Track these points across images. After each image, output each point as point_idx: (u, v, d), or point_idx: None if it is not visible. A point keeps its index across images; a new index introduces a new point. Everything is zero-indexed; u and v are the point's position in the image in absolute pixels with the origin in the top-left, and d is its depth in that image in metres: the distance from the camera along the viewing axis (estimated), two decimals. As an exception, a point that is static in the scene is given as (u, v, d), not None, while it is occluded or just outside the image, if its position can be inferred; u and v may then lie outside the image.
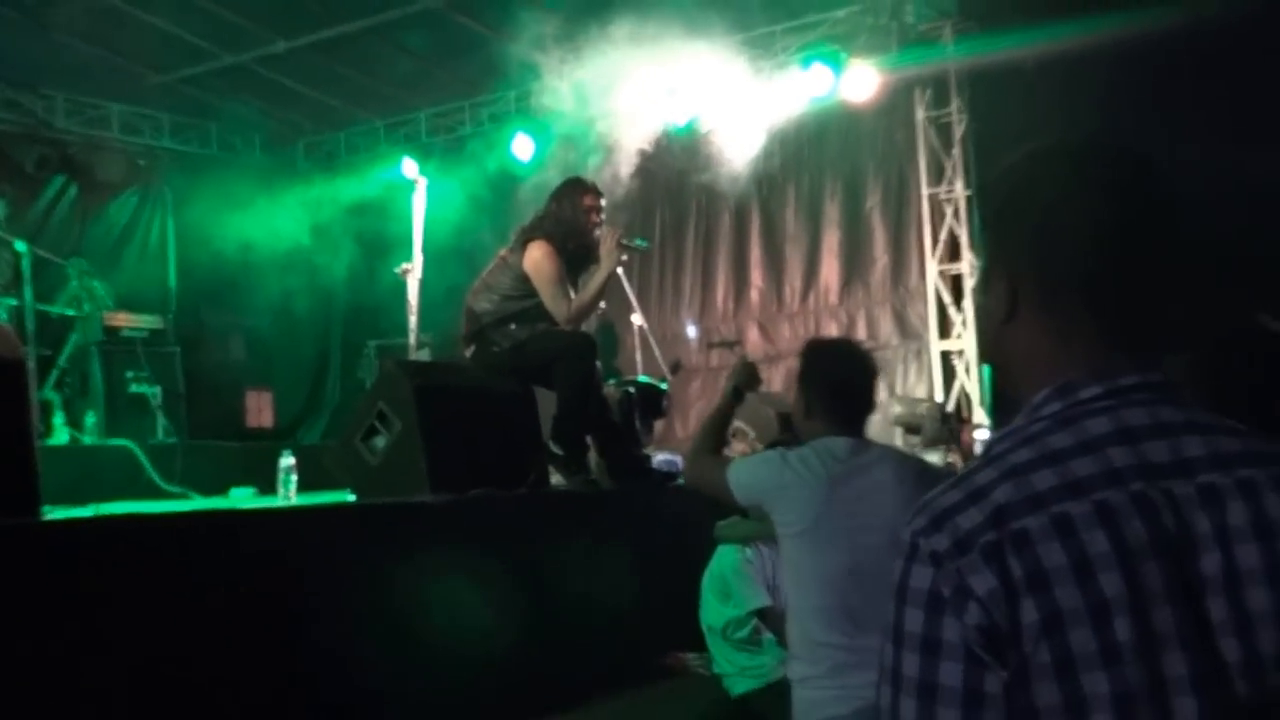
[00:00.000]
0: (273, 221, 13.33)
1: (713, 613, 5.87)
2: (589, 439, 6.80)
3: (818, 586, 3.62)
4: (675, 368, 10.38)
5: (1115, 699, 1.28)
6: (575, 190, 6.67)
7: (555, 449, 6.49)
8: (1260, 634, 1.32)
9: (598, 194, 6.75)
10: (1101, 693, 1.28)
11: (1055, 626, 1.29)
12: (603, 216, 6.77)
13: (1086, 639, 1.29)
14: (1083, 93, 12.62)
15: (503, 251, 6.68)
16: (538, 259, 6.45)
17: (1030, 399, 1.47)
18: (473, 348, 6.58)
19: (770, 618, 5.79)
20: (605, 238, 6.63)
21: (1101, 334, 1.44)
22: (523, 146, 12.71)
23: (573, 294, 6.50)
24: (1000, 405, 10.27)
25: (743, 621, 5.79)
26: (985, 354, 1.67)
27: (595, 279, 6.56)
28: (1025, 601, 1.30)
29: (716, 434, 4.08)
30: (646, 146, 12.24)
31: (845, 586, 3.57)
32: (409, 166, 11.76)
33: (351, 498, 5.88)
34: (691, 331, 12.91)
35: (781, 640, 5.70)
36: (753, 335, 12.85)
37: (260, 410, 13.13)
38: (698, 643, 5.95)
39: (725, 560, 5.90)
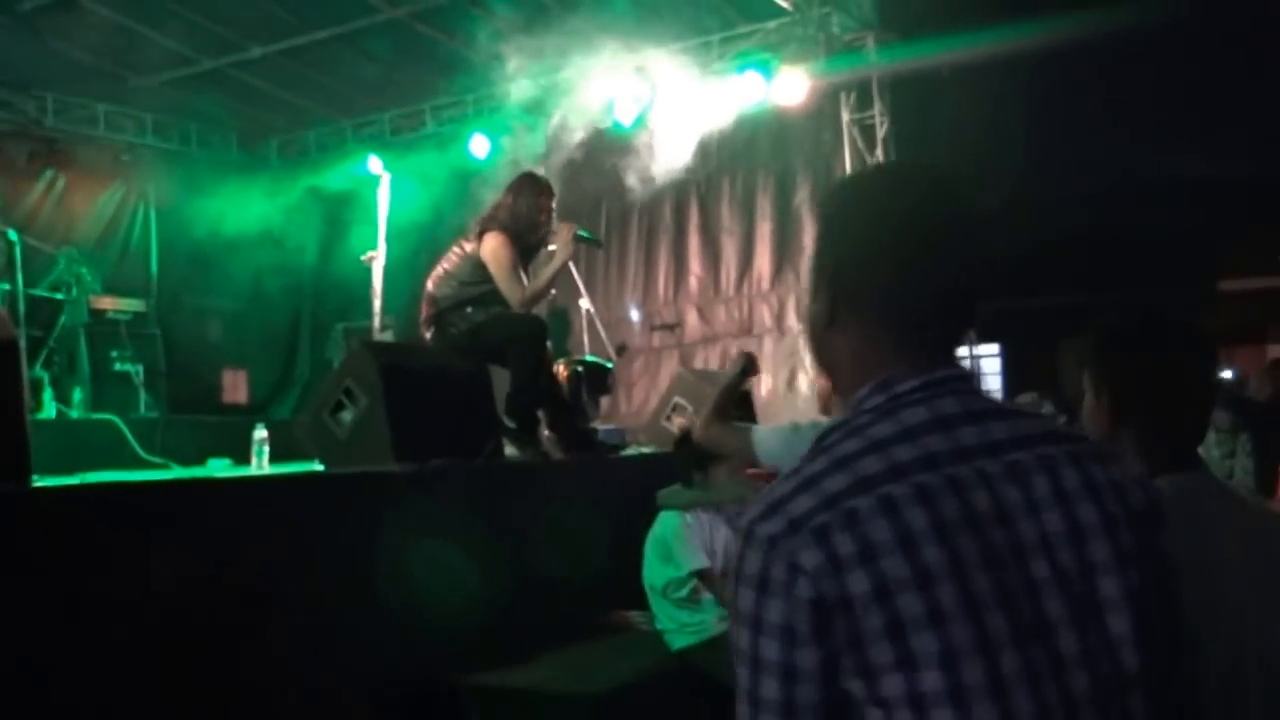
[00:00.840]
0: (247, 213, 13.24)
1: (654, 573, 5.89)
2: (541, 414, 6.80)
3: None
4: (620, 349, 10.40)
5: (943, 655, 1.32)
6: (531, 187, 6.65)
7: (509, 423, 6.47)
8: (1075, 588, 1.40)
9: (551, 191, 6.74)
10: (931, 650, 1.32)
11: (884, 594, 1.33)
12: (554, 211, 6.76)
13: (914, 603, 1.33)
14: (993, 97, 12.75)
15: (461, 241, 6.66)
16: (494, 248, 6.44)
17: (854, 395, 1.53)
18: (432, 330, 6.55)
19: (708, 578, 5.81)
20: (561, 230, 6.63)
21: (908, 336, 1.51)
22: (479, 145, 12.70)
23: (525, 280, 6.49)
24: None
25: (683, 581, 5.81)
26: (815, 357, 1.70)
27: (549, 268, 6.55)
28: (855, 573, 1.34)
29: (728, 404, 4.07)
30: (594, 145, 12.24)
31: None
32: (374, 163, 11.69)
33: (320, 468, 5.85)
34: (635, 315, 12.95)
35: (720, 599, 5.74)
36: (691, 319, 12.90)
37: (236, 387, 13.06)
38: (641, 601, 5.97)
39: (667, 525, 5.91)
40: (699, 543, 5.84)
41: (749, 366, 4.23)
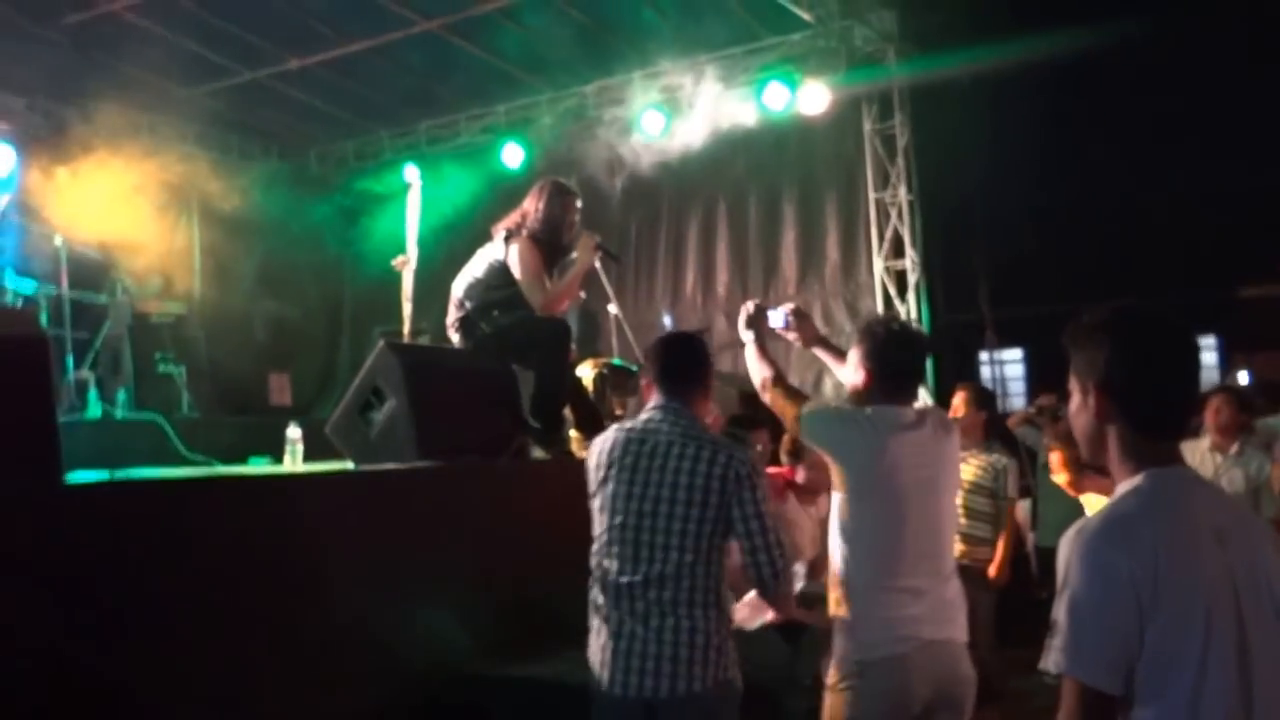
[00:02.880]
0: (288, 221, 13.34)
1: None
2: (567, 414, 6.80)
3: (875, 532, 3.66)
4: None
5: None
6: (560, 194, 6.63)
7: (534, 423, 6.47)
8: None
9: (576, 197, 6.73)
10: None
11: None
12: (579, 216, 6.75)
13: None
14: (1013, 106, 12.70)
15: (487, 246, 6.66)
16: (521, 253, 6.43)
17: None
18: (460, 332, 6.57)
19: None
20: (584, 240, 6.61)
21: None
22: (512, 155, 12.77)
23: (549, 284, 6.49)
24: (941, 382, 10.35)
25: None
26: None
27: (570, 274, 6.55)
28: None
29: (775, 366, 4.10)
30: (623, 154, 12.26)
31: (899, 533, 3.65)
32: (410, 172, 11.76)
33: (350, 466, 5.87)
34: (667, 321, 12.93)
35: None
36: (720, 324, 12.88)
37: (281, 389, 13.13)
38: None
39: None
40: None
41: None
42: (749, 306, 4.32)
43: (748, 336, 4.23)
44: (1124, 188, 14.70)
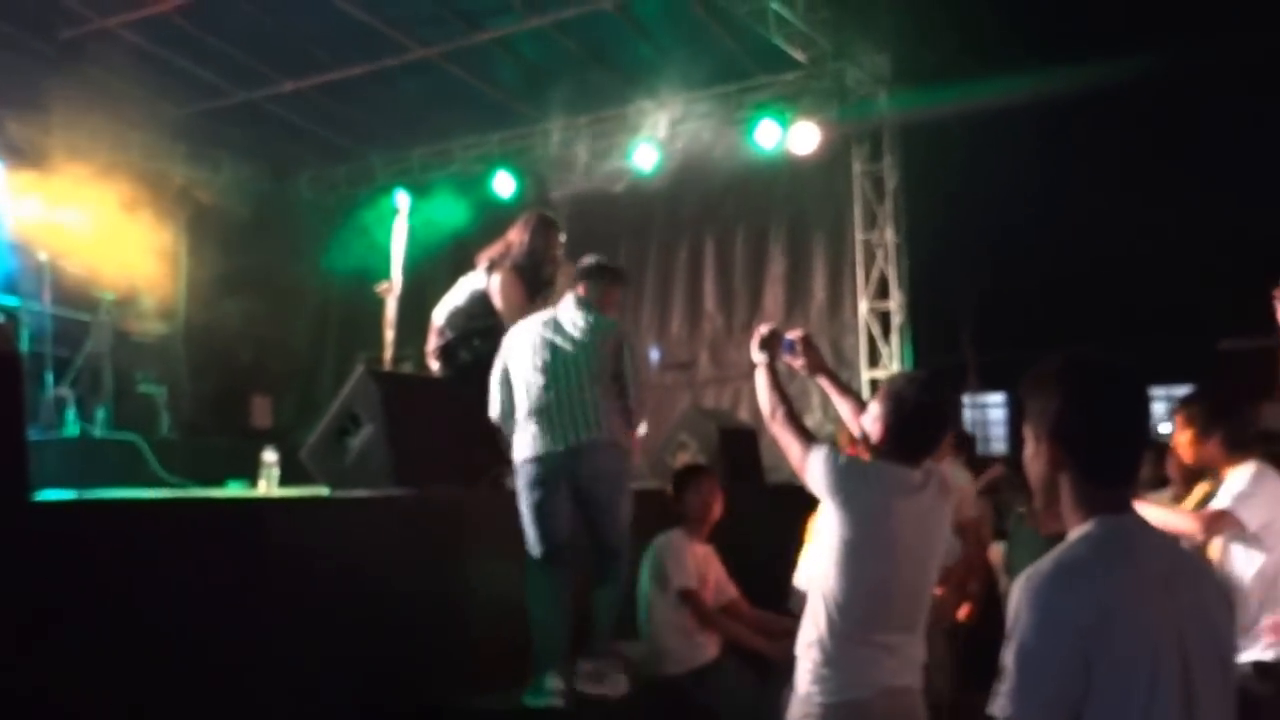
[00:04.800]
0: (277, 243, 13.34)
1: (645, 593, 5.88)
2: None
3: (863, 588, 3.64)
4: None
5: None
6: (544, 227, 6.65)
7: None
8: None
9: (560, 230, 6.76)
10: None
11: None
12: (563, 251, 6.77)
13: None
14: (1000, 153, 12.80)
15: (469, 275, 6.68)
16: (503, 284, 6.46)
17: None
18: (440, 361, 6.58)
19: (695, 600, 5.79)
20: (566, 272, 6.62)
21: None
22: (504, 184, 12.81)
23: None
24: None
25: (671, 600, 5.79)
26: None
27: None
28: None
29: (787, 399, 4.03)
30: (613, 188, 12.31)
31: (887, 592, 3.65)
32: (401, 198, 11.77)
33: (325, 492, 5.86)
34: (653, 355, 12.95)
35: (704, 622, 5.72)
36: (704, 359, 12.91)
37: (263, 413, 13.09)
38: (633, 633, 5.94)
39: (662, 542, 5.92)
40: (690, 564, 5.84)
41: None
42: (763, 329, 4.22)
43: (760, 359, 4.15)
44: (1110, 233, 14.80)
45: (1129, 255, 15.10)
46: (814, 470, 3.73)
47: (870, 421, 3.81)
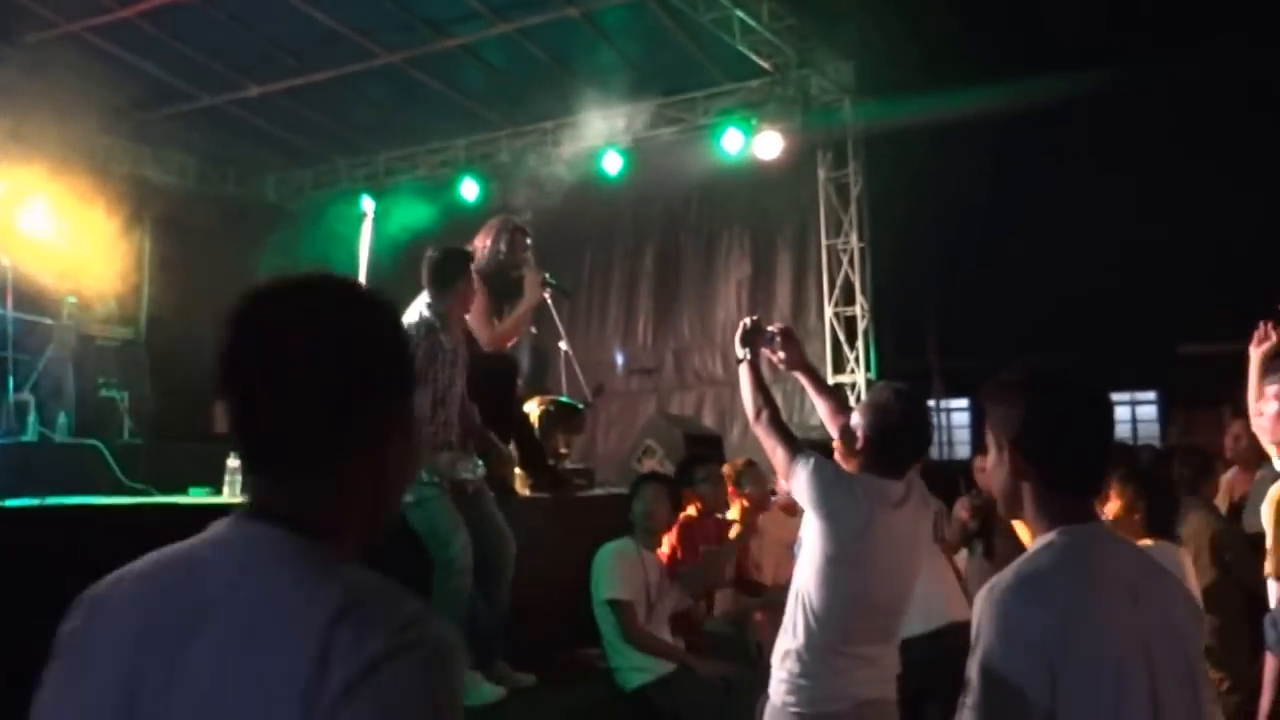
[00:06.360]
0: (242, 248, 13.23)
1: (594, 603, 5.87)
2: (511, 451, 6.76)
3: (843, 601, 3.63)
4: (598, 390, 10.35)
5: None
6: (508, 232, 6.61)
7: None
8: None
9: (524, 234, 6.71)
10: None
11: None
12: (529, 254, 6.72)
13: None
14: (964, 159, 12.86)
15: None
16: (468, 292, 6.41)
17: None
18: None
19: (626, 612, 5.77)
20: (531, 276, 6.58)
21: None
22: (469, 189, 12.79)
23: (496, 321, 6.47)
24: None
25: (603, 609, 5.78)
26: None
27: (517, 311, 6.52)
28: None
29: (772, 400, 3.95)
30: (580, 193, 12.30)
31: (868, 604, 3.65)
32: (367, 204, 11.73)
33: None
34: (619, 359, 12.95)
35: (628, 635, 5.71)
36: (670, 364, 12.92)
37: (225, 418, 12.95)
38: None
39: (604, 552, 5.92)
40: (627, 574, 5.81)
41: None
42: (745, 322, 4.15)
43: (742, 354, 4.06)
44: (1074, 241, 14.88)
45: (1092, 263, 15.19)
46: (799, 481, 3.69)
47: (850, 430, 3.77)
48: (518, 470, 6.92)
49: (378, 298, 1.57)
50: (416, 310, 5.47)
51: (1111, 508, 4.59)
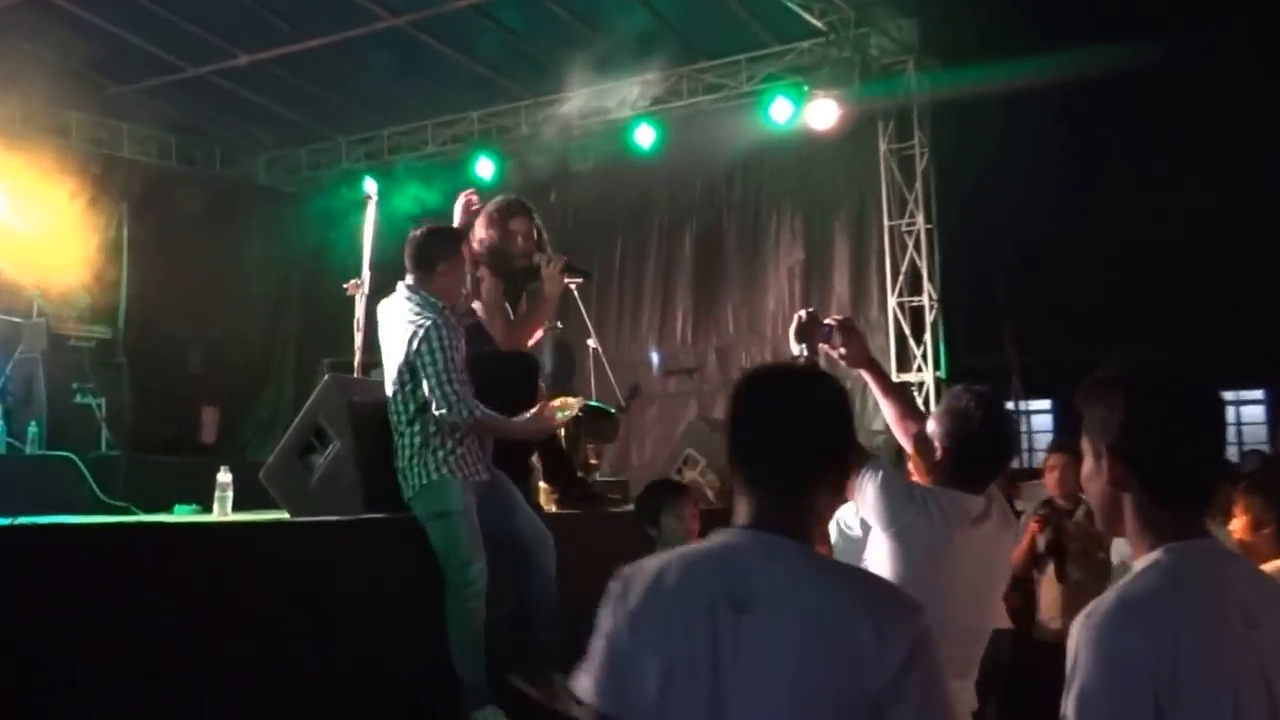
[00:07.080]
0: (231, 237, 13.30)
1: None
2: (535, 463, 6.76)
3: None
4: (633, 393, 10.35)
5: None
6: (503, 215, 6.53)
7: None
8: None
9: (525, 211, 6.61)
10: None
11: None
12: (538, 235, 6.64)
13: None
14: (1045, 128, 12.76)
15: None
16: (481, 287, 6.41)
17: None
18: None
19: None
20: (548, 265, 6.51)
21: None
22: (485, 167, 12.79)
23: (512, 316, 6.45)
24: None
25: None
26: None
27: (535, 305, 6.49)
28: None
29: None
30: (609, 170, 12.28)
31: (940, 634, 3.60)
32: (369, 185, 11.75)
33: (285, 516, 5.81)
34: (654, 358, 12.91)
35: None
36: (712, 363, 12.87)
37: (213, 426, 13.05)
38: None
39: None
40: None
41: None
42: (801, 315, 4.08)
43: (797, 351, 4.01)
44: (1171, 225, 14.74)
45: (1190, 248, 15.02)
46: (865, 495, 3.62)
47: (925, 439, 3.73)
48: (542, 484, 6.91)
49: (834, 383, 2.42)
50: (413, 306, 5.56)
51: (1237, 524, 4.52)
